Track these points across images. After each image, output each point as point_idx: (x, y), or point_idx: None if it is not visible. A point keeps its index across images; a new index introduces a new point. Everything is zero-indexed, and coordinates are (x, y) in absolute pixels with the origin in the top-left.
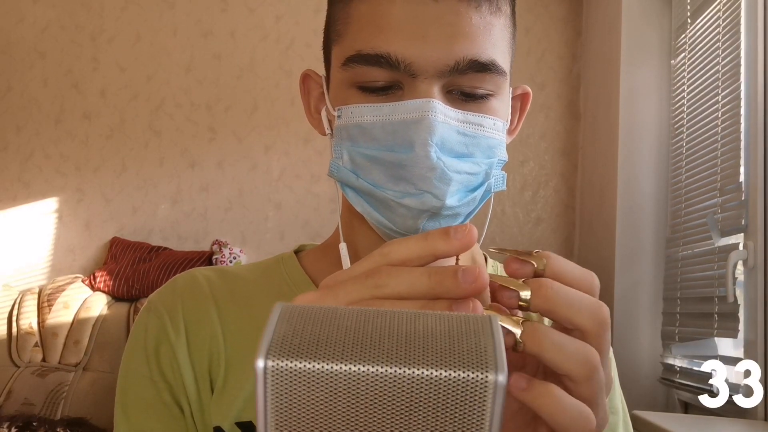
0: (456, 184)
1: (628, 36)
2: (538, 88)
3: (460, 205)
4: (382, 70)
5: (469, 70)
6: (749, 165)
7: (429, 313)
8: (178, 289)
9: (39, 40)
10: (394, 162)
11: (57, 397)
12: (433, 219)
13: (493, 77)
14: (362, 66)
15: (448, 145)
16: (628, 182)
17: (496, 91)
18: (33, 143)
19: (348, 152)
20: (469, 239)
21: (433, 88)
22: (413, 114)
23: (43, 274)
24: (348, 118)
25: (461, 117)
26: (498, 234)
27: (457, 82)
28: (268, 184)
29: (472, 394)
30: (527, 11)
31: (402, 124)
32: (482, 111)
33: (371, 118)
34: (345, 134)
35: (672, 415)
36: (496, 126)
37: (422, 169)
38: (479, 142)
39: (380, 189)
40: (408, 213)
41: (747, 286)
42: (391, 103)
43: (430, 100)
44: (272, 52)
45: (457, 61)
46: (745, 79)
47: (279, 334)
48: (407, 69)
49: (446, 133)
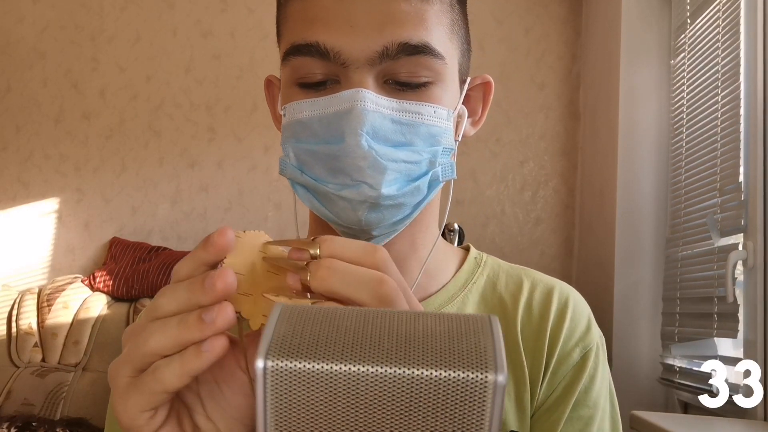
0: (392, 173)
1: (628, 36)
2: (537, 88)
3: (401, 194)
4: (316, 61)
5: (401, 54)
6: (749, 165)
7: (429, 314)
8: None
9: (38, 40)
10: (330, 154)
11: (56, 397)
12: (373, 210)
13: (428, 61)
14: (297, 57)
15: (382, 134)
16: (627, 182)
17: (435, 78)
18: (32, 143)
19: (293, 149)
20: (221, 244)
21: (366, 77)
22: (345, 105)
23: (43, 275)
24: (291, 115)
25: (396, 105)
26: (498, 234)
27: (392, 70)
28: (268, 184)
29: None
30: (527, 11)
31: (335, 116)
32: (421, 99)
33: (309, 113)
34: (290, 131)
35: (671, 415)
36: (438, 114)
37: (354, 158)
38: (418, 130)
39: (321, 183)
40: (348, 205)
41: (746, 287)
42: (326, 96)
43: (359, 90)
44: (272, 52)
45: (386, 45)
46: (744, 79)
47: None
48: (337, 58)
49: (378, 121)
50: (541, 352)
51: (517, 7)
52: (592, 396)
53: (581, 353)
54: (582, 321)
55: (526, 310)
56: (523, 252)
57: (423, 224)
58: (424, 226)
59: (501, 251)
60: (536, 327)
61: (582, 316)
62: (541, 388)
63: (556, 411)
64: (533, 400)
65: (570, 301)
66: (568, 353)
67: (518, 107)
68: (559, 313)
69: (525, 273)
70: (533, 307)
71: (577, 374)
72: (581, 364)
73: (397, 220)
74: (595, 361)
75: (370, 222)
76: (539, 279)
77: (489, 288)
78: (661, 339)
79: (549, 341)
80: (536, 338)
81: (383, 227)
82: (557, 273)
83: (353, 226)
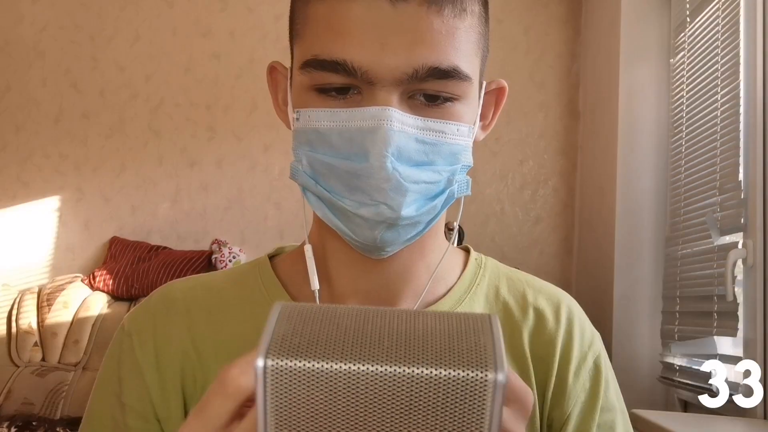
0: (413, 194)
1: (628, 35)
2: (537, 86)
3: (419, 214)
4: (339, 76)
5: (430, 78)
6: (748, 163)
7: (428, 313)
8: (151, 307)
9: (38, 39)
10: (350, 171)
11: (56, 396)
12: (390, 229)
13: (456, 84)
14: (319, 72)
15: (406, 154)
16: (627, 181)
17: (460, 95)
18: (32, 143)
19: (306, 157)
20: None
21: (392, 95)
22: (369, 122)
23: (43, 274)
24: (306, 122)
25: (421, 124)
26: (498, 233)
27: (419, 87)
28: (268, 183)
29: (471, 393)
30: (527, 10)
31: (358, 132)
32: (445, 116)
33: (328, 123)
34: (303, 138)
35: (671, 414)
36: (460, 131)
37: (377, 180)
38: (440, 150)
39: (337, 197)
40: (365, 223)
41: (746, 285)
42: (348, 108)
43: (386, 108)
44: (271, 51)
45: (416, 69)
46: (744, 77)
47: (278, 334)
48: (364, 76)
49: (403, 142)
50: (551, 359)
51: (516, 6)
52: (610, 398)
53: (593, 358)
54: (587, 328)
55: (535, 318)
56: (522, 251)
57: (432, 232)
58: (432, 232)
59: (500, 250)
60: (548, 334)
61: (586, 322)
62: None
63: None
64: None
65: (574, 308)
66: (584, 359)
67: (518, 106)
68: (569, 320)
69: (525, 278)
70: (543, 314)
71: (597, 381)
72: (596, 370)
73: (411, 237)
74: (605, 364)
75: (385, 240)
76: (540, 286)
77: (492, 291)
78: (661, 338)
79: (563, 348)
80: (548, 345)
81: (398, 244)
82: (557, 272)
83: (368, 243)
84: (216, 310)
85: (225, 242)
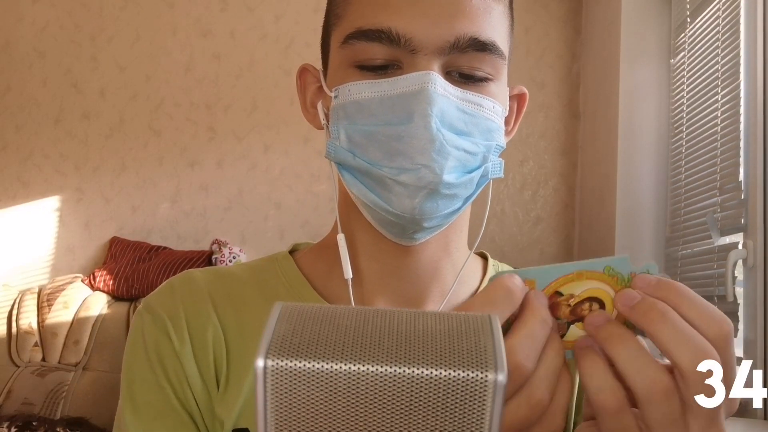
0: (454, 159)
1: (628, 35)
2: (537, 87)
3: (458, 183)
4: (382, 47)
5: (470, 48)
6: (749, 164)
7: (429, 313)
8: (177, 292)
9: (38, 39)
10: (392, 135)
11: (57, 396)
12: (430, 198)
13: (493, 59)
14: (362, 42)
15: (448, 120)
16: (627, 181)
17: (495, 75)
18: (32, 143)
19: (345, 131)
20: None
21: (433, 64)
22: (413, 86)
23: (43, 274)
24: (345, 97)
25: (461, 95)
26: (497, 234)
27: (457, 62)
28: (268, 183)
29: (471, 394)
30: (527, 11)
31: (401, 98)
32: (481, 93)
33: (369, 93)
34: (342, 113)
35: None
36: (495, 110)
37: (421, 140)
38: (478, 122)
39: (377, 167)
40: (404, 191)
41: (746, 286)
42: (389, 78)
43: (430, 72)
44: (272, 51)
45: (458, 37)
46: (744, 78)
47: (279, 334)
48: (407, 44)
49: (446, 106)
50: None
51: (516, 6)
52: None
53: None
54: None
55: None
56: (522, 251)
57: (457, 227)
58: (458, 229)
59: (501, 250)
60: None
61: None
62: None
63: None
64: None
65: None
66: None
67: None
68: None
69: None
70: None
71: None
72: None
73: (449, 212)
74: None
75: (424, 211)
76: None
77: None
78: None
79: None
80: None
81: (435, 219)
82: None
83: (406, 214)
84: (237, 300)
85: (225, 242)
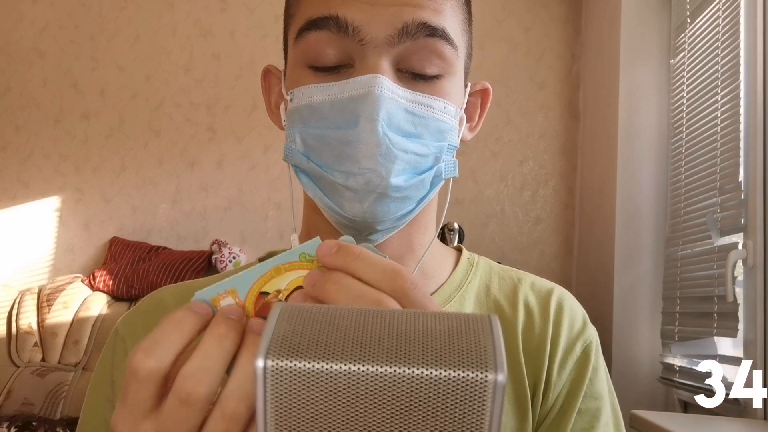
0: (402, 163)
1: (628, 35)
2: (537, 87)
3: (408, 186)
4: (332, 38)
5: (419, 34)
6: (748, 164)
7: (428, 313)
8: (142, 311)
9: (38, 39)
10: (341, 139)
11: (56, 396)
12: (379, 202)
13: (444, 48)
14: (312, 33)
15: (395, 122)
16: (627, 181)
17: (446, 71)
18: (32, 143)
19: (300, 134)
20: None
21: (382, 60)
22: (360, 90)
23: (43, 274)
24: (299, 100)
25: (410, 96)
26: (497, 234)
27: (408, 58)
28: (268, 183)
29: (471, 394)
30: (527, 11)
31: (350, 101)
32: (433, 92)
33: (321, 97)
34: (297, 116)
35: (671, 415)
36: (447, 110)
37: (368, 144)
38: (428, 124)
39: (327, 171)
40: (354, 196)
41: (746, 286)
42: (340, 81)
43: (377, 76)
44: (271, 51)
45: (406, 23)
46: (744, 78)
47: (279, 334)
48: (356, 33)
49: (393, 109)
50: (543, 353)
51: (516, 7)
52: (597, 388)
53: (582, 347)
54: (578, 317)
55: (525, 314)
56: (522, 251)
57: (421, 224)
58: (422, 226)
59: (501, 251)
60: (538, 329)
61: (578, 314)
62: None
63: (568, 406)
64: (534, 401)
65: (565, 299)
66: (571, 349)
67: (518, 107)
68: (557, 312)
69: (517, 275)
70: (532, 310)
71: (583, 368)
72: (584, 357)
73: (401, 214)
74: (596, 353)
75: (376, 214)
76: (533, 281)
77: (483, 290)
78: (661, 338)
79: (551, 341)
80: (539, 340)
81: (387, 222)
82: (557, 272)
83: (357, 218)
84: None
85: (225, 242)
